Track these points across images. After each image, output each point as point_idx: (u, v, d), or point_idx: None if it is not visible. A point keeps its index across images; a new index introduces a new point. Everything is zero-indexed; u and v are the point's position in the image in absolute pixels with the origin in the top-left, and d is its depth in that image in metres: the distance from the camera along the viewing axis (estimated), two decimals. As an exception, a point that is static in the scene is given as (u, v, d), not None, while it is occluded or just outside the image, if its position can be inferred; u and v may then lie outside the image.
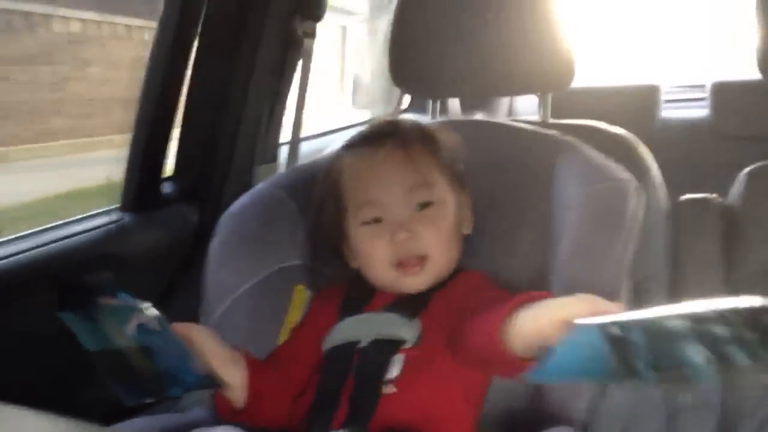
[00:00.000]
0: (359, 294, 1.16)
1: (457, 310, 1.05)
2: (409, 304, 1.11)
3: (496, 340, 0.89)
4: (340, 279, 1.21)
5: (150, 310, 0.95)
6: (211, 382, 1.01)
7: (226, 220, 1.25)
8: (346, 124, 2.27)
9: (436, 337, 1.06)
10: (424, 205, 1.11)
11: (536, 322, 0.85)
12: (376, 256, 1.12)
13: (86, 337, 0.94)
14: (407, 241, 1.09)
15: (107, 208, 1.46)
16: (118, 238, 1.41)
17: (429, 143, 1.15)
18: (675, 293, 1.30)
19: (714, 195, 1.42)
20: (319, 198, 1.19)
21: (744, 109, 2.65)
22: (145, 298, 0.95)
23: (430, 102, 1.51)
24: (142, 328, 0.95)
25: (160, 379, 0.96)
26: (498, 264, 1.18)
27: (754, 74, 1.43)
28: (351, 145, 1.19)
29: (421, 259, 1.10)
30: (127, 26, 4.99)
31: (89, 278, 0.95)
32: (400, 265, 1.10)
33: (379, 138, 1.15)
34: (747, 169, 1.41)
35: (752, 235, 1.36)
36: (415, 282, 1.11)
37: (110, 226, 1.41)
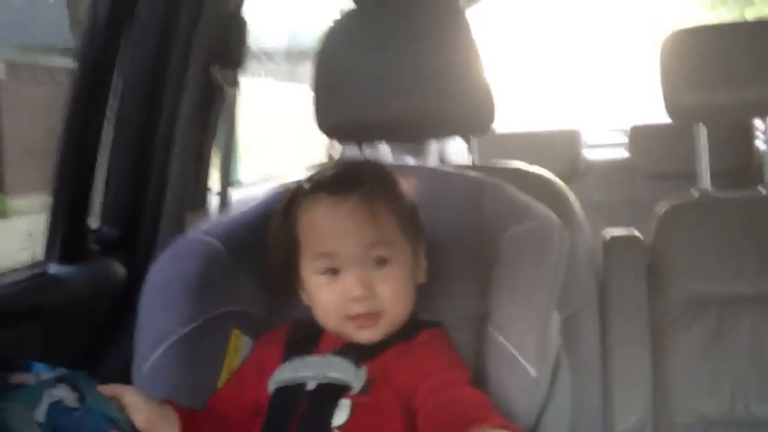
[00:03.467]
0: (306, 335, 1.15)
1: (414, 372, 1.06)
2: (359, 351, 1.10)
3: None
4: (280, 323, 1.20)
5: (65, 386, 0.92)
6: None
7: (157, 268, 1.23)
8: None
9: (386, 387, 1.06)
10: (382, 261, 1.10)
11: None
12: (329, 308, 1.11)
13: None
14: (363, 299, 1.09)
15: (31, 261, 1.43)
16: (43, 290, 1.37)
17: (392, 196, 1.14)
18: (604, 324, 1.34)
19: (633, 230, 1.47)
20: (273, 237, 1.17)
21: (659, 149, 2.79)
22: (72, 353, 0.92)
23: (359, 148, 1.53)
24: (54, 408, 0.91)
25: None
26: (438, 303, 1.20)
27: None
28: (312, 189, 1.14)
29: (375, 316, 1.10)
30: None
31: None
32: (354, 318, 1.10)
33: (344, 189, 1.12)
34: (662, 208, 1.47)
35: (670, 266, 1.41)
36: (368, 336, 1.10)
37: (35, 277, 1.38)
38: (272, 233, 1.18)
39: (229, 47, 1.67)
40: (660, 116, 2.70)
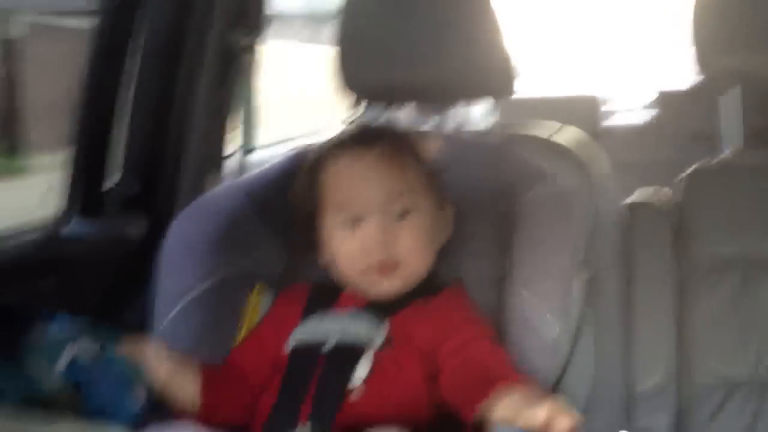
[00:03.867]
0: (325, 294, 1.15)
1: (436, 329, 1.06)
2: (379, 308, 1.10)
3: (473, 413, 0.93)
4: (303, 279, 1.20)
5: (87, 338, 0.92)
6: (153, 408, 0.99)
7: (177, 224, 1.23)
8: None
9: (407, 342, 1.06)
10: (404, 213, 1.10)
11: (516, 415, 0.87)
12: (348, 260, 1.11)
13: (7, 384, 0.89)
14: (381, 249, 1.09)
15: (50, 215, 1.43)
16: (63, 245, 1.38)
17: (417, 152, 1.15)
18: (628, 285, 1.33)
19: (662, 189, 1.45)
20: (298, 191, 1.17)
21: (689, 112, 2.75)
22: (91, 308, 0.92)
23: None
24: (76, 359, 0.92)
25: (90, 420, 0.92)
26: (457, 264, 1.19)
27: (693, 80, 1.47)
28: (338, 144, 1.16)
29: (393, 266, 1.09)
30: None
31: (23, 307, 0.92)
32: (373, 268, 1.09)
33: (369, 141, 1.13)
34: (690, 169, 1.45)
35: (697, 230, 1.39)
36: (385, 287, 1.10)
37: (55, 232, 1.38)
38: (296, 190, 1.18)
39: (248, 9, 1.66)
40: (686, 80, 2.72)
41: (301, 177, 1.17)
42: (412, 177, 1.12)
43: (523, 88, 1.44)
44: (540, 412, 0.83)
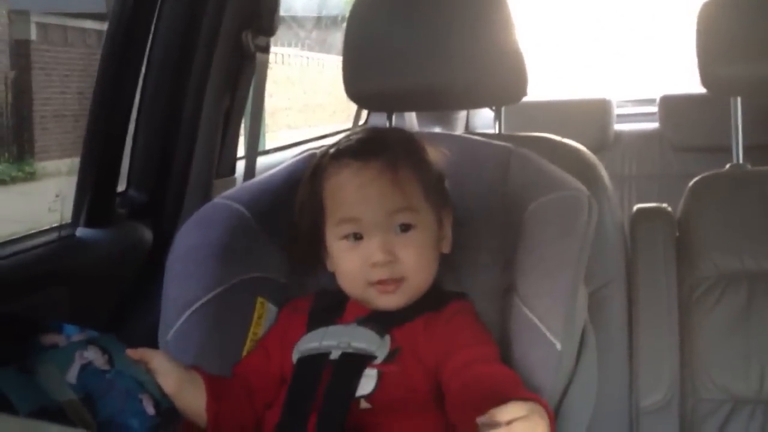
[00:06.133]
0: (330, 305, 1.15)
1: (443, 344, 1.06)
2: (384, 320, 1.10)
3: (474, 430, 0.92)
4: (306, 291, 1.20)
5: (95, 348, 0.92)
6: (163, 420, 0.99)
7: (183, 233, 1.23)
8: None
9: (412, 356, 1.06)
10: (406, 227, 1.10)
11: None
12: (352, 273, 1.11)
13: (19, 395, 0.88)
14: (383, 267, 1.08)
15: (59, 224, 1.44)
16: (70, 254, 1.38)
17: (418, 163, 1.13)
18: (631, 299, 1.32)
19: (665, 205, 1.45)
20: (300, 204, 1.17)
21: (691, 121, 2.73)
22: (98, 317, 0.92)
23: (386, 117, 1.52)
24: (85, 369, 0.92)
25: (102, 430, 0.92)
26: (463, 274, 1.19)
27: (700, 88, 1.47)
28: (341, 153, 1.14)
29: (398, 281, 1.09)
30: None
31: (29, 315, 0.92)
32: (375, 284, 1.09)
33: (368, 154, 1.11)
34: (693, 180, 1.44)
35: (702, 243, 1.38)
36: (390, 302, 1.10)
37: (62, 240, 1.39)
38: (299, 200, 1.18)
39: (260, 14, 1.66)
40: (692, 87, 2.69)
41: (304, 187, 1.17)
42: (413, 189, 1.11)
43: (535, 91, 1.43)
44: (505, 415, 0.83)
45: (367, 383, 1.05)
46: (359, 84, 1.42)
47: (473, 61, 1.37)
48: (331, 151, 1.16)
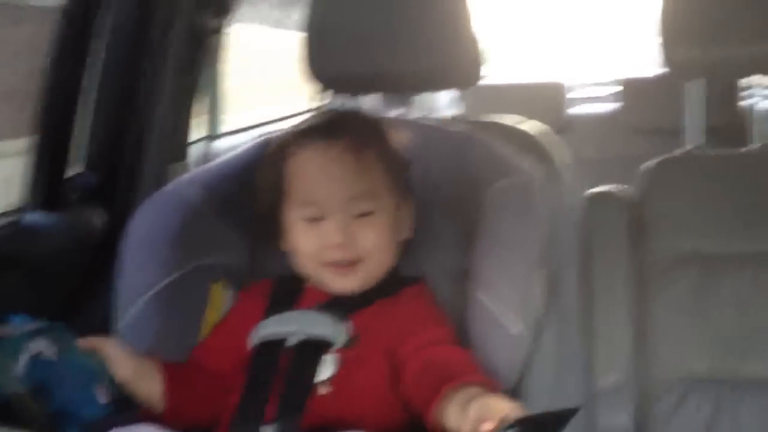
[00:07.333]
0: (289, 290, 1.14)
1: (398, 329, 1.06)
2: (342, 305, 1.10)
3: (430, 413, 0.93)
4: (262, 276, 1.19)
5: (45, 338, 0.91)
6: (117, 407, 0.98)
7: (137, 220, 1.21)
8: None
9: (372, 341, 1.06)
10: (365, 213, 1.10)
11: (458, 421, 0.87)
12: (307, 254, 1.11)
13: None
14: (340, 249, 1.08)
15: (7, 207, 1.41)
16: (19, 240, 1.35)
17: (381, 147, 1.13)
18: (587, 282, 1.34)
19: (623, 187, 1.46)
20: (261, 180, 1.16)
21: (652, 104, 2.76)
22: (51, 305, 0.91)
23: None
24: (35, 360, 0.90)
25: (53, 421, 0.91)
26: (419, 257, 1.19)
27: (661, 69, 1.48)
28: (303, 134, 1.13)
29: (351, 265, 1.09)
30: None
31: None
32: (331, 265, 1.09)
33: (332, 134, 1.11)
34: (649, 162, 1.45)
35: (656, 225, 1.40)
36: (344, 283, 1.10)
37: (12, 225, 1.36)
38: (259, 179, 1.17)
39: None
40: (650, 70, 2.73)
41: (265, 166, 1.16)
42: (376, 175, 1.11)
43: (490, 75, 1.44)
44: (469, 418, 0.83)
45: (326, 368, 1.04)
46: (319, 64, 1.41)
47: (431, 45, 1.37)
48: (295, 131, 1.15)
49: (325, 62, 1.40)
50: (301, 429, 1.00)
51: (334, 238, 1.08)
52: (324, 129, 1.13)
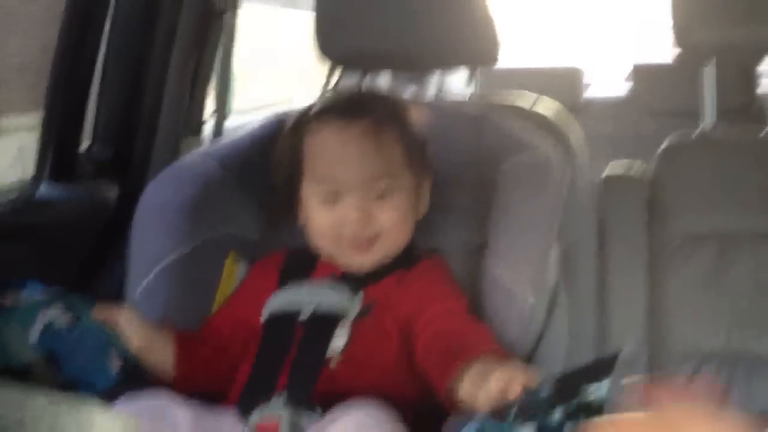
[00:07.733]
0: (301, 262, 1.14)
1: (414, 300, 1.06)
2: (356, 278, 1.09)
3: (444, 386, 0.92)
4: (275, 249, 1.19)
5: (58, 307, 0.91)
6: (128, 378, 0.98)
7: (151, 190, 1.21)
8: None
9: (386, 312, 1.06)
10: (384, 193, 1.09)
11: (475, 392, 0.86)
12: (322, 232, 1.10)
13: None
14: (357, 228, 1.08)
15: (20, 179, 1.41)
16: (33, 211, 1.35)
17: (401, 128, 1.12)
18: (603, 257, 1.33)
19: (639, 163, 1.46)
20: (279, 154, 1.15)
21: (664, 87, 2.76)
22: (64, 275, 0.90)
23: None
24: (48, 329, 0.91)
25: (66, 388, 0.92)
26: (435, 233, 1.19)
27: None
28: (324, 111, 1.13)
29: (368, 244, 1.09)
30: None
31: None
32: (348, 241, 1.09)
33: (353, 113, 1.10)
34: (666, 141, 1.45)
35: (673, 204, 1.40)
36: (361, 260, 1.10)
37: (25, 197, 1.36)
38: (277, 154, 1.16)
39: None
40: (664, 55, 2.73)
41: (283, 141, 1.15)
42: (395, 154, 1.10)
43: (505, 59, 1.43)
44: (492, 388, 0.82)
45: (339, 338, 1.04)
46: (332, 42, 1.40)
47: (448, 22, 1.36)
48: (315, 107, 1.14)
49: (335, 39, 1.39)
50: (312, 398, 1.00)
51: (351, 215, 1.07)
52: (344, 108, 1.12)
